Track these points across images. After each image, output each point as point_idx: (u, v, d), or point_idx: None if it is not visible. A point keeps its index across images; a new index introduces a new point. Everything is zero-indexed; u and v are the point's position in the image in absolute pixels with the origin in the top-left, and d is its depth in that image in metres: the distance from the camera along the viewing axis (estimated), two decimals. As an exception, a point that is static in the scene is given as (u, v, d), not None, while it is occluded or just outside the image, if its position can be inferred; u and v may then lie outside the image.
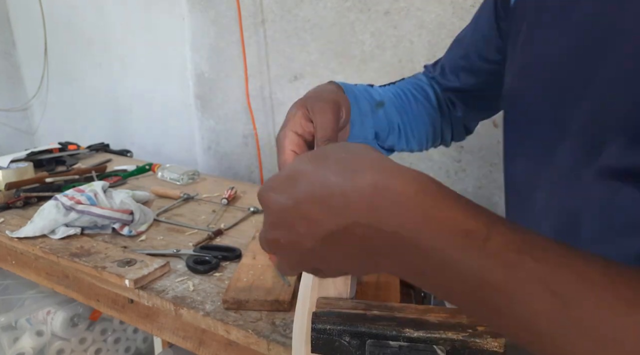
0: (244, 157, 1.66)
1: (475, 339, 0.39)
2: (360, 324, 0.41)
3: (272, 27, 1.46)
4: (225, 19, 1.53)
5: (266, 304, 0.79)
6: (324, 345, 0.41)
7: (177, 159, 1.88)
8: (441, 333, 0.39)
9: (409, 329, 0.40)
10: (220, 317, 0.77)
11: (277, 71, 1.50)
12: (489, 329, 0.40)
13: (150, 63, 1.84)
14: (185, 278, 0.90)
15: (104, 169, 1.53)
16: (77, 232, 1.05)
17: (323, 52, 1.39)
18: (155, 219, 1.16)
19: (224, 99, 1.64)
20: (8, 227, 1.08)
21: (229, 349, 0.82)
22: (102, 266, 0.90)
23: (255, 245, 0.99)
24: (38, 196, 1.26)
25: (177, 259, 0.97)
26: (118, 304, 0.96)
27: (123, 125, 2.05)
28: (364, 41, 1.31)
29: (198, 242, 1.03)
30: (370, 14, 1.28)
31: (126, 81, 1.96)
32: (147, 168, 1.54)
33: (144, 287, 0.86)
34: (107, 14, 1.90)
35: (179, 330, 0.88)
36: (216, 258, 0.94)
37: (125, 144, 1.96)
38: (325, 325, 0.41)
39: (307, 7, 1.38)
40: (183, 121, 1.81)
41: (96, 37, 1.98)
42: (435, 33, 1.20)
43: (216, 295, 0.84)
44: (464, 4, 1.14)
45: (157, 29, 1.76)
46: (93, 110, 2.13)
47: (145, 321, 0.93)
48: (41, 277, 1.10)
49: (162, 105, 1.86)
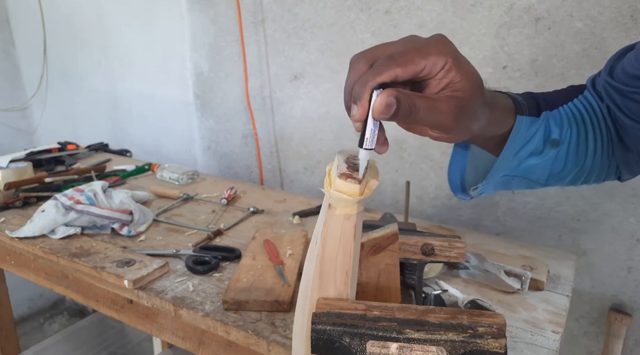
0: (244, 157, 1.66)
1: (476, 340, 0.39)
2: (361, 325, 0.41)
3: (272, 27, 1.46)
4: (225, 19, 1.53)
5: (266, 305, 0.79)
6: (324, 346, 0.41)
7: (176, 158, 1.88)
8: (442, 334, 0.39)
9: (409, 329, 0.40)
10: (220, 318, 0.77)
11: (277, 70, 1.50)
12: (489, 330, 0.39)
13: (149, 62, 1.84)
14: (184, 278, 0.89)
15: (103, 168, 1.53)
16: (77, 231, 1.04)
17: (323, 51, 1.38)
18: (155, 219, 1.16)
19: (223, 99, 1.63)
20: (8, 227, 1.08)
21: (229, 349, 0.82)
22: (102, 266, 0.90)
23: (254, 245, 0.99)
24: (37, 196, 1.25)
25: (176, 260, 0.96)
26: (117, 304, 0.96)
27: (122, 125, 2.04)
28: (364, 40, 1.31)
29: (197, 242, 1.03)
30: (371, 13, 1.28)
31: (125, 81, 1.96)
32: (147, 168, 1.54)
33: (143, 287, 0.86)
34: (107, 14, 1.90)
35: (179, 330, 0.88)
36: (216, 258, 0.94)
37: (125, 144, 1.96)
38: (325, 325, 0.41)
39: (307, 6, 1.37)
40: (182, 121, 1.80)
41: (95, 37, 1.98)
42: (436, 32, 1.19)
43: (216, 296, 0.83)
44: (464, 3, 1.14)
45: (156, 28, 1.76)
46: (92, 109, 2.13)
47: (144, 322, 0.92)
48: (40, 277, 1.09)
49: (162, 104, 1.86)
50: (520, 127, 0.57)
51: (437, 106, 0.42)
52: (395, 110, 0.40)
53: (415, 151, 1.32)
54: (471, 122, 0.46)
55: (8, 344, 1.49)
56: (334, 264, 0.45)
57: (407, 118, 0.42)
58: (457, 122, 0.44)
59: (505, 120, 0.56)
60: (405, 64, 0.41)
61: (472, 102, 0.45)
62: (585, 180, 0.66)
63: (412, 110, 0.41)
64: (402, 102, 0.41)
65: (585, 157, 0.63)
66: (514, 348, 0.72)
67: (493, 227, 1.26)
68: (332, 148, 1.47)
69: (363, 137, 0.43)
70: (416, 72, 0.42)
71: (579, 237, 1.15)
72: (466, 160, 0.65)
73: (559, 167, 0.62)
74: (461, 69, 0.43)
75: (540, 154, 0.59)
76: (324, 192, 0.45)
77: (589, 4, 1.01)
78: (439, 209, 1.33)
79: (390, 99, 0.40)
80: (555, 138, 0.59)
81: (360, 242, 0.52)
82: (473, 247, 1.03)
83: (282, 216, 1.20)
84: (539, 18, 1.06)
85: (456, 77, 0.43)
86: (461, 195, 0.65)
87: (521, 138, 0.57)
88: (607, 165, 0.65)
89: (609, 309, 1.16)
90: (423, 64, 0.42)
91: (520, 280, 0.88)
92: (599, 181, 0.68)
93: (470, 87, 0.44)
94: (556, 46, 1.06)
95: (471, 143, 0.62)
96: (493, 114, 0.52)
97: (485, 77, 1.15)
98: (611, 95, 0.60)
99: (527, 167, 0.60)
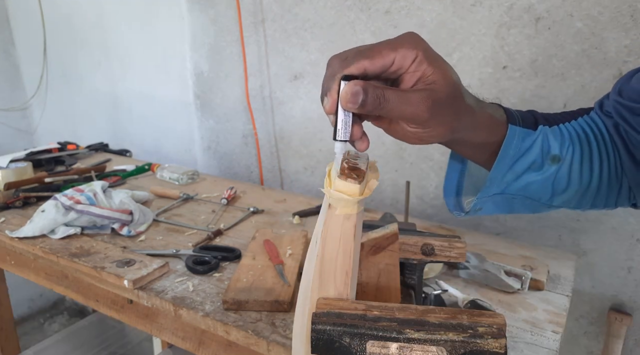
0: (244, 157, 1.66)
1: (476, 340, 0.39)
2: (361, 325, 0.41)
3: (272, 27, 1.46)
4: (224, 19, 1.53)
5: (266, 305, 0.79)
6: (324, 346, 0.41)
7: (176, 158, 1.88)
8: (442, 334, 0.39)
9: (409, 329, 0.40)
10: (220, 318, 0.77)
11: (277, 70, 1.50)
12: (489, 330, 0.39)
13: (149, 62, 1.84)
14: (184, 278, 0.89)
15: (103, 168, 1.53)
16: (77, 231, 1.04)
17: (323, 51, 1.38)
18: (155, 219, 1.16)
19: (223, 99, 1.63)
20: (8, 227, 1.08)
21: (229, 349, 0.82)
22: (102, 266, 0.90)
23: (254, 245, 0.99)
24: (37, 196, 1.25)
25: (176, 260, 0.96)
26: (117, 304, 0.96)
27: (122, 125, 2.04)
28: (364, 40, 1.31)
29: (197, 242, 1.03)
30: (371, 13, 1.28)
31: (125, 81, 1.96)
32: (147, 168, 1.54)
33: (143, 287, 0.86)
34: (107, 14, 1.90)
35: (179, 330, 0.88)
36: (216, 258, 0.94)
37: (125, 144, 1.96)
38: (325, 325, 0.41)
39: (307, 6, 1.37)
40: (182, 121, 1.80)
41: (95, 37, 1.98)
42: (436, 32, 1.19)
43: (216, 296, 0.83)
44: (464, 3, 1.14)
45: (156, 28, 1.76)
46: (92, 109, 2.13)
47: (144, 322, 0.92)
48: (40, 277, 1.09)
49: (162, 104, 1.86)
50: (513, 137, 0.55)
51: (407, 97, 0.43)
52: (363, 100, 0.42)
53: (415, 151, 1.32)
54: (448, 115, 0.46)
55: (8, 344, 1.49)
56: (334, 264, 0.45)
57: (376, 109, 0.42)
58: (430, 112, 0.44)
59: (496, 127, 0.55)
60: (373, 57, 0.43)
61: (448, 95, 0.45)
62: (594, 204, 0.63)
63: (381, 101, 0.42)
64: (369, 93, 0.42)
65: (591, 176, 0.60)
66: (514, 348, 0.72)
67: (493, 227, 1.26)
68: (332, 148, 1.46)
69: (335, 128, 0.44)
70: (385, 65, 0.43)
71: (579, 237, 1.15)
72: (459, 173, 0.64)
73: (563, 185, 0.59)
74: (433, 62, 0.44)
75: (540, 170, 0.58)
76: (324, 192, 0.45)
77: (589, 4, 1.01)
78: (439, 209, 1.33)
79: (357, 88, 0.41)
80: (555, 153, 0.58)
81: (360, 242, 0.52)
82: (473, 247, 1.03)
83: (282, 216, 1.20)
84: (539, 18, 1.06)
85: (428, 70, 0.44)
86: (455, 211, 0.64)
87: (514, 149, 0.56)
88: (618, 189, 0.63)
89: (609, 309, 1.16)
90: (392, 56, 0.43)
91: (520, 280, 0.88)
92: (610, 206, 0.64)
93: (445, 80, 0.44)
94: (556, 46, 1.06)
95: (460, 151, 0.59)
96: (480, 117, 0.52)
97: (485, 77, 1.16)
98: (621, 113, 0.59)
99: (526, 184, 0.58)
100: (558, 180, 0.59)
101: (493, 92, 1.15)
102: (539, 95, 1.11)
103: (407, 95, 0.43)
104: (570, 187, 0.60)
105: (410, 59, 0.43)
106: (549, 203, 0.61)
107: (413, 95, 0.43)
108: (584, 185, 0.60)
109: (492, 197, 0.59)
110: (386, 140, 1.34)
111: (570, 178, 0.59)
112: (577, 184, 0.60)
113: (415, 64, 0.43)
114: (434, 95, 0.44)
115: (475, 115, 0.50)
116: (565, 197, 0.61)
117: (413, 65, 0.43)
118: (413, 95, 0.43)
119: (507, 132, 0.55)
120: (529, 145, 0.57)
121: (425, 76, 0.44)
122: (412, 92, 0.43)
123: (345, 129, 0.44)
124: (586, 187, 0.61)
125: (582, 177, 0.60)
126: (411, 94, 0.43)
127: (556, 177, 0.58)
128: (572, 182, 0.59)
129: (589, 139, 0.61)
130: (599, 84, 1.04)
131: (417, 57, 0.43)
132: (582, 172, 0.60)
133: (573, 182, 0.59)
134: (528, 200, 0.61)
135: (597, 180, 0.61)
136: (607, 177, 0.61)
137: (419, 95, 0.43)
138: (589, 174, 0.60)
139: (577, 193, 0.61)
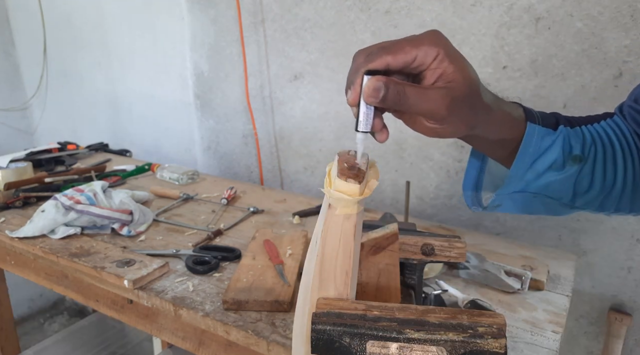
0: (244, 157, 1.66)
1: (476, 340, 0.39)
2: (361, 325, 0.41)
3: (272, 27, 1.46)
4: (224, 19, 1.53)
5: (266, 305, 0.79)
6: (324, 346, 0.41)
7: (176, 158, 1.88)
8: (442, 334, 0.39)
9: (409, 329, 0.40)
10: (220, 318, 0.77)
11: (277, 70, 1.50)
12: (489, 330, 0.39)
13: (149, 63, 1.84)
14: (184, 278, 0.89)
15: (103, 168, 1.53)
16: (78, 231, 1.04)
17: (323, 51, 1.38)
18: (155, 219, 1.16)
19: (223, 99, 1.63)
20: (8, 227, 1.08)
21: (229, 349, 0.82)
22: (102, 266, 0.90)
23: (254, 245, 0.99)
24: (37, 196, 1.25)
25: (176, 260, 0.96)
26: (117, 304, 0.96)
27: (122, 125, 2.04)
28: (364, 40, 1.31)
29: (197, 242, 1.03)
30: (371, 13, 1.28)
31: (125, 81, 1.96)
32: (147, 168, 1.54)
33: (143, 287, 0.86)
34: (107, 14, 1.90)
35: (179, 330, 0.88)
36: (216, 258, 0.94)
37: (125, 144, 1.96)
38: (325, 325, 0.41)
39: (307, 6, 1.37)
40: (182, 121, 1.80)
41: (95, 37, 1.98)
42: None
43: (216, 296, 0.83)
44: (464, 3, 1.14)
45: (156, 28, 1.76)
46: (92, 110, 2.13)
47: (144, 322, 0.92)
48: (40, 277, 1.09)
49: (162, 104, 1.86)
50: (532, 135, 0.55)
51: (427, 94, 0.44)
52: (383, 95, 0.43)
53: (415, 151, 1.32)
54: (466, 113, 0.47)
55: (8, 344, 1.49)
56: (334, 264, 0.45)
57: (396, 104, 0.44)
58: (449, 110, 0.45)
59: (513, 125, 0.55)
60: (395, 53, 0.44)
61: (466, 94, 0.46)
62: (619, 207, 0.62)
63: (401, 96, 0.43)
64: (390, 88, 0.43)
65: (615, 177, 0.59)
66: (514, 348, 0.72)
67: (493, 227, 1.26)
68: (332, 148, 1.47)
69: (357, 120, 0.46)
70: (407, 61, 0.44)
71: (579, 237, 1.15)
72: (478, 170, 0.64)
73: (585, 185, 0.59)
74: (454, 60, 0.45)
75: (562, 170, 0.57)
76: (324, 192, 0.45)
77: (589, 4, 1.01)
78: (439, 209, 1.33)
79: (378, 83, 0.43)
80: (577, 153, 0.57)
81: (360, 242, 0.52)
82: (473, 247, 1.03)
83: (282, 216, 1.20)
84: (539, 18, 1.06)
85: (448, 68, 0.44)
86: (473, 206, 0.64)
87: (534, 147, 0.56)
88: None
89: (609, 309, 1.16)
90: (414, 53, 0.44)
91: (520, 280, 0.88)
92: (636, 211, 0.63)
93: (464, 79, 0.45)
94: (556, 46, 1.06)
95: (478, 147, 0.60)
96: (497, 115, 0.52)
97: (485, 77, 1.16)
98: (635, 119, 0.60)
99: (547, 184, 0.57)
100: (580, 181, 0.58)
101: (493, 92, 1.15)
102: (539, 95, 1.11)
103: (427, 92, 0.44)
104: (593, 188, 0.59)
105: (432, 57, 0.44)
106: (571, 204, 0.60)
107: (432, 92, 0.44)
108: (607, 187, 0.60)
109: (511, 195, 0.59)
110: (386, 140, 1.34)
111: (593, 179, 0.59)
112: (600, 185, 0.59)
113: (436, 62, 0.44)
114: (453, 93, 0.44)
115: (492, 113, 0.51)
116: (588, 198, 0.60)
117: (434, 63, 0.44)
118: (432, 93, 0.44)
119: (525, 130, 0.55)
120: (549, 144, 0.56)
121: (445, 74, 0.45)
122: (432, 90, 0.44)
123: (366, 121, 0.46)
124: (610, 189, 0.60)
125: (605, 178, 0.59)
126: (430, 91, 0.44)
127: (578, 177, 0.58)
128: (595, 183, 0.59)
129: (612, 141, 0.60)
130: (599, 84, 1.04)
131: (439, 55, 0.44)
132: (605, 173, 0.59)
133: (596, 183, 0.59)
134: (549, 200, 0.60)
135: (622, 182, 0.60)
136: (631, 180, 0.60)
137: (438, 93, 0.44)
138: (613, 176, 0.59)
139: (600, 194, 0.60)
